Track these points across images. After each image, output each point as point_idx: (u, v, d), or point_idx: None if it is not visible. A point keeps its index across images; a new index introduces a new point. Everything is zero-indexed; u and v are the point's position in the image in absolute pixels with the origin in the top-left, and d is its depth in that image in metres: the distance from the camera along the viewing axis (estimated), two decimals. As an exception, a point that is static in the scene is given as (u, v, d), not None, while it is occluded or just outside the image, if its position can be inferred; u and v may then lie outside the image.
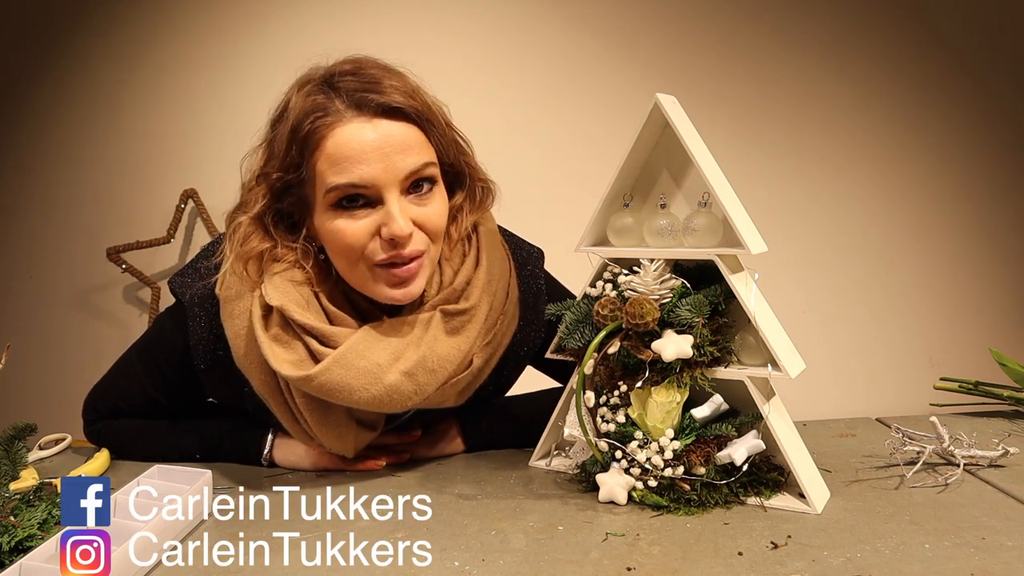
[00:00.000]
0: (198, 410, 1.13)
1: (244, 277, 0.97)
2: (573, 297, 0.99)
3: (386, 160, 0.90)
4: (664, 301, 0.89)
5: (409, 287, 0.95)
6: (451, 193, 1.02)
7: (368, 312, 1.00)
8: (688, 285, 0.91)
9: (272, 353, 0.93)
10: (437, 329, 0.97)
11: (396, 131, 0.92)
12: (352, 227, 0.92)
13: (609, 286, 0.95)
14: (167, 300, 2.48)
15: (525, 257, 1.11)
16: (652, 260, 0.91)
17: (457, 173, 1.01)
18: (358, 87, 0.92)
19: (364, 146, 0.90)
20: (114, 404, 1.13)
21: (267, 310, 0.95)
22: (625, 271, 0.94)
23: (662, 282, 0.89)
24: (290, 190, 0.96)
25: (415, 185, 0.94)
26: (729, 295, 0.91)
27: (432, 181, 0.95)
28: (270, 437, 1.07)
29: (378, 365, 0.93)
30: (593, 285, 0.97)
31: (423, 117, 0.94)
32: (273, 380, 0.97)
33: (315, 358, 0.93)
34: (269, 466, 1.07)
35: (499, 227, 1.10)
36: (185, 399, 1.11)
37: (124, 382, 1.12)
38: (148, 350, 1.11)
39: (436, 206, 0.95)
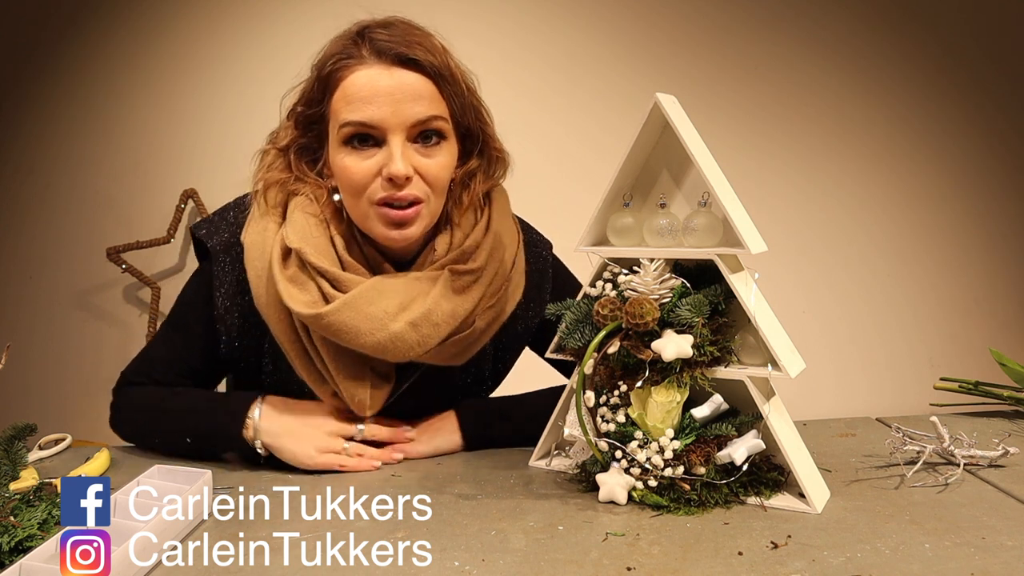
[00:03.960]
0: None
1: (261, 202, 1.05)
2: (580, 287, 1.00)
3: (396, 105, 0.97)
4: (664, 301, 0.89)
5: (404, 230, 1.00)
6: (467, 158, 1.07)
7: (379, 265, 1.05)
8: (688, 285, 0.91)
9: (287, 292, 0.99)
10: (445, 286, 1.02)
11: (410, 80, 0.98)
12: (358, 165, 0.98)
13: (609, 286, 0.95)
14: (167, 300, 2.49)
15: (534, 238, 1.19)
16: (652, 260, 0.91)
17: (474, 138, 1.07)
18: (384, 38, 0.99)
19: (377, 89, 0.97)
20: (143, 370, 1.15)
21: (286, 252, 1.02)
22: (625, 271, 0.94)
23: (662, 282, 0.89)
24: (312, 126, 1.04)
25: (424, 136, 1.00)
26: (729, 295, 0.91)
27: (441, 135, 1.01)
28: (259, 402, 1.05)
29: (385, 312, 0.99)
30: (593, 285, 0.97)
31: (439, 74, 0.99)
32: (288, 319, 1.02)
33: (327, 301, 0.99)
34: (250, 446, 1.03)
35: (514, 214, 1.16)
36: (208, 363, 1.11)
37: (153, 346, 1.16)
38: (176, 308, 1.14)
39: (440, 159, 1.01)
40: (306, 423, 1.04)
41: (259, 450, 1.03)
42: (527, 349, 1.22)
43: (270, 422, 1.04)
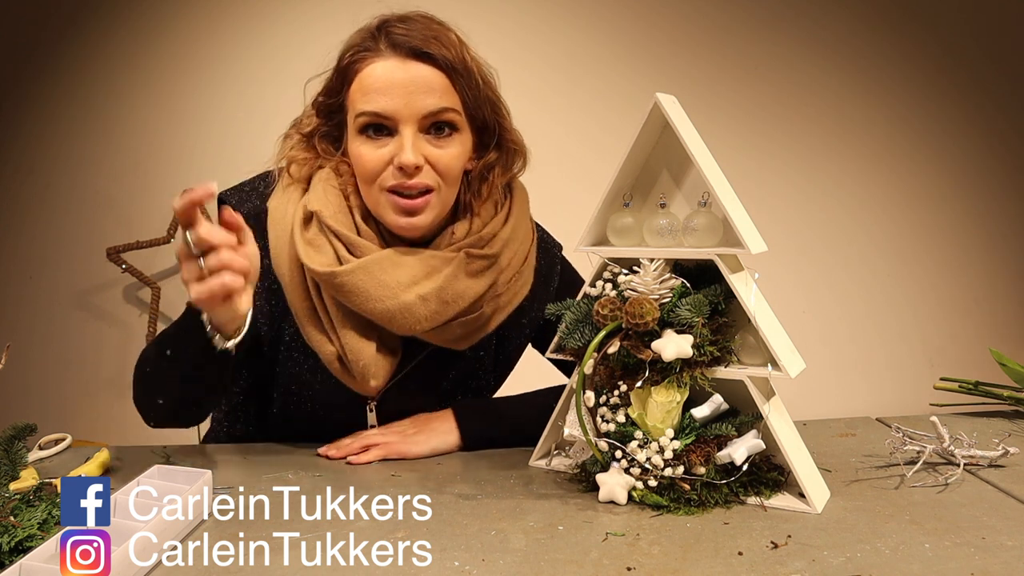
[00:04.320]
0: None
1: (285, 176, 1.09)
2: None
3: (408, 97, 1.00)
4: (664, 301, 0.89)
5: (413, 219, 1.03)
6: (485, 150, 1.10)
7: (391, 243, 1.07)
8: (688, 285, 0.91)
9: (305, 253, 1.03)
10: (459, 267, 1.05)
11: (423, 73, 1.01)
12: (372, 153, 1.02)
13: (609, 286, 0.95)
14: (167, 300, 2.50)
15: (547, 238, 1.22)
16: (652, 260, 0.91)
17: (491, 131, 1.09)
18: (401, 32, 1.02)
19: (392, 82, 1.00)
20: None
21: (308, 217, 1.05)
22: (625, 271, 0.94)
23: (662, 282, 0.89)
24: (332, 115, 1.08)
25: (436, 127, 1.03)
26: (729, 295, 0.91)
27: (453, 127, 1.04)
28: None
29: (398, 282, 1.02)
30: (593, 285, 0.97)
31: (453, 67, 1.02)
32: (302, 278, 1.05)
33: (341, 263, 1.03)
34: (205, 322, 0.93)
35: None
36: None
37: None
38: None
39: (452, 150, 1.03)
40: None
41: (204, 319, 0.92)
42: (529, 348, 1.23)
43: None
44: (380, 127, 1.02)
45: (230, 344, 0.94)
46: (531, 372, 1.22)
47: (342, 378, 1.07)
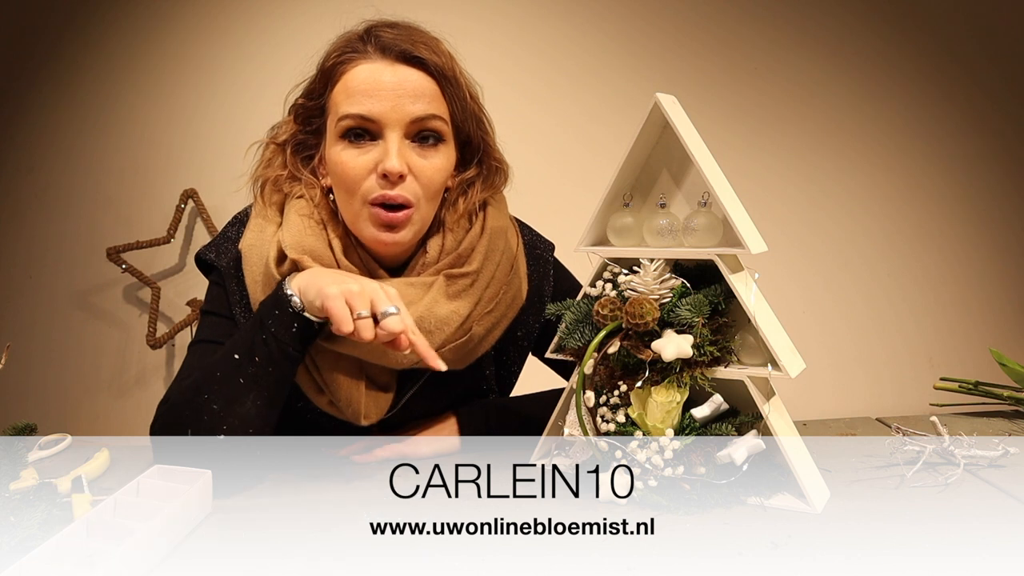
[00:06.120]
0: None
1: (259, 201, 1.05)
2: (580, 289, 1.00)
3: (396, 101, 0.96)
4: (664, 301, 0.89)
5: (394, 233, 0.99)
6: (466, 167, 1.06)
7: (373, 271, 1.04)
8: (688, 285, 0.91)
9: None
10: (438, 292, 1.01)
11: (412, 78, 0.98)
12: (354, 160, 0.97)
13: (609, 286, 0.95)
14: (167, 300, 2.50)
15: (534, 240, 1.17)
16: (652, 260, 0.91)
17: (474, 148, 1.06)
18: (390, 35, 0.99)
19: (379, 84, 0.96)
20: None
21: (282, 256, 0.99)
22: (625, 271, 0.94)
23: (662, 282, 0.89)
24: (311, 119, 1.03)
25: (421, 136, 0.99)
26: (729, 295, 0.91)
27: (439, 137, 1.00)
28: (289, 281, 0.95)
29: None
30: (593, 285, 0.97)
31: (443, 74, 0.99)
32: None
33: None
34: (292, 303, 0.93)
35: (513, 217, 1.15)
36: None
37: (185, 363, 1.05)
38: (203, 323, 1.07)
39: (436, 161, 0.99)
40: (344, 274, 0.95)
41: (293, 296, 0.93)
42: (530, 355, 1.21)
43: (304, 272, 0.96)
44: (363, 132, 0.97)
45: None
46: (534, 372, 1.22)
47: (338, 415, 1.04)
